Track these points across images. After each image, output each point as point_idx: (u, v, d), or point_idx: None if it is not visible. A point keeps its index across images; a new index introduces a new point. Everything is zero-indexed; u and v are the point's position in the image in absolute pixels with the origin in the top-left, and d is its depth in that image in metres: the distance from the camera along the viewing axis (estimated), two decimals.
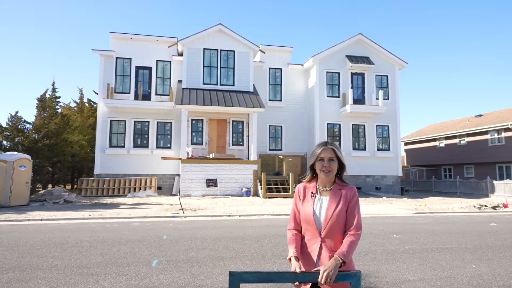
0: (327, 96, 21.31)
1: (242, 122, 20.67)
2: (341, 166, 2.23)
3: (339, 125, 21.34)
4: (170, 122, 20.41)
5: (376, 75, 21.97)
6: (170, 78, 20.80)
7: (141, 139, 20.11)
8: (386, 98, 21.74)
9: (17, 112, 20.01)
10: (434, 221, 10.53)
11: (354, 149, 21.32)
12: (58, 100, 23.72)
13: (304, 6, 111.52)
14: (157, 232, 7.97)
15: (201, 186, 17.44)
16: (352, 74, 21.67)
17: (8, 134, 19.19)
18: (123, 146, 19.81)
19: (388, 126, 21.84)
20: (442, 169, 32.07)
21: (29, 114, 48.69)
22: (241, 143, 20.60)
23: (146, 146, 20.06)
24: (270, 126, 21.92)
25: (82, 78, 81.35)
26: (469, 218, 11.39)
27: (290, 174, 17.82)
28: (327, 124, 21.13)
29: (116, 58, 20.19)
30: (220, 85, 20.06)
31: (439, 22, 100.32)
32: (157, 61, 20.69)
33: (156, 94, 20.51)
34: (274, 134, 22.03)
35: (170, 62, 20.84)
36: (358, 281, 1.89)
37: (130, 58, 20.37)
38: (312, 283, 2.05)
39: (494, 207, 14.50)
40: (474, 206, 14.42)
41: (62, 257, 5.56)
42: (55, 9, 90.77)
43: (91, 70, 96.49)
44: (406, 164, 35.41)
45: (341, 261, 1.97)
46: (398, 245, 6.80)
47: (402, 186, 23.33)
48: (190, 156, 18.12)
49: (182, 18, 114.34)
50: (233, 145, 20.49)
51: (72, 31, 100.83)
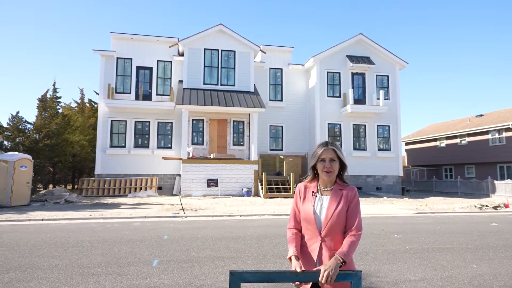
0: (328, 96, 21.31)
1: (243, 122, 20.67)
2: (342, 166, 2.23)
3: (340, 125, 21.33)
4: (171, 122, 20.42)
5: (376, 75, 21.96)
6: (170, 78, 20.82)
7: (142, 139, 20.13)
8: (386, 98, 21.73)
9: (18, 112, 20.05)
10: (435, 221, 10.52)
11: (355, 149, 21.31)
12: (59, 100, 23.75)
13: (304, 6, 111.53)
14: (157, 232, 7.97)
15: (201, 186, 17.45)
16: (352, 74, 21.66)
17: (9, 134, 19.21)
18: (124, 146, 19.83)
19: (388, 126, 21.83)
20: (443, 169, 32.03)
21: (30, 114, 48.82)
22: (241, 143, 20.60)
23: (147, 146, 20.07)
24: (270, 126, 21.92)
25: (83, 78, 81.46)
26: (470, 218, 11.37)
27: (291, 174, 17.82)
28: (328, 124, 21.12)
29: (117, 58, 20.22)
30: (220, 85, 20.08)
31: (440, 22, 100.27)
32: (157, 61, 20.72)
33: (156, 94, 20.53)
34: (274, 134, 22.03)
35: (171, 62, 20.86)
36: (359, 280, 1.89)
37: (131, 58, 20.40)
38: (312, 283, 2.05)
39: (495, 207, 14.48)
40: (475, 206, 14.40)
41: (63, 257, 5.57)
42: (56, 9, 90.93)
43: (92, 70, 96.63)
44: (407, 164, 35.37)
45: (341, 260, 1.97)
46: (399, 245, 6.80)
47: (403, 186, 23.30)
48: (190, 156, 18.13)
49: (183, 18, 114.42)
50: (233, 145, 20.50)
51: (72, 31, 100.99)
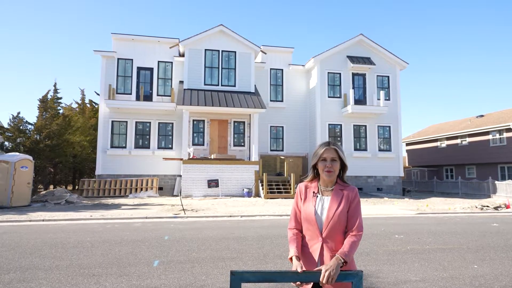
0: (329, 96, 21.30)
1: (244, 122, 20.67)
2: (343, 167, 2.23)
3: (341, 125, 21.32)
4: (172, 123, 20.43)
5: (377, 76, 21.95)
6: (171, 79, 20.84)
7: (142, 140, 20.13)
8: (387, 98, 21.72)
9: (19, 113, 20.01)
10: (436, 221, 10.50)
11: (355, 149, 21.29)
12: (60, 101, 23.76)
13: (305, 7, 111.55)
14: (158, 232, 7.97)
15: (202, 186, 17.45)
16: (353, 74, 21.66)
17: (10, 135, 19.22)
18: (125, 147, 19.83)
19: (389, 127, 21.81)
20: (443, 169, 31.99)
21: (31, 115, 48.85)
22: (242, 144, 20.60)
23: (148, 147, 20.07)
24: (271, 126, 21.91)
25: (84, 79, 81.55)
26: (471, 219, 11.35)
27: (292, 174, 17.80)
28: (329, 124, 21.11)
29: (117, 59, 20.23)
30: (221, 85, 20.08)
31: (440, 22, 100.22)
32: (158, 62, 20.74)
33: (157, 95, 20.54)
34: (275, 135, 22.02)
35: (172, 63, 20.87)
36: (360, 280, 1.89)
37: (132, 59, 20.42)
38: (313, 283, 2.05)
39: (496, 208, 14.45)
40: (476, 207, 14.37)
41: (63, 257, 5.57)
42: (57, 10, 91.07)
43: (93, 71, 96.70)
44: (407, 164, 35.34)
45: (342, 260, 1.96)
46: (399, 245, 6.79)
47: (404, 186, 23.29)
48: (191, 156, 18.13)
49: (184, 19, 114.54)
50: (234, 145, 20.49)
51: (73, 32, 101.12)
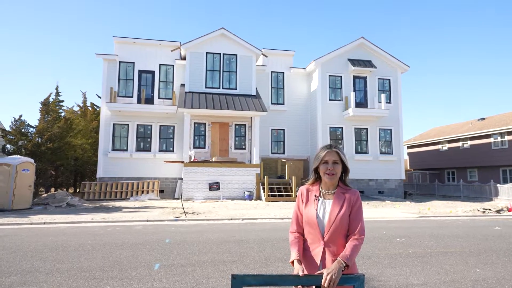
0: (330, 99, 21.31)
1: (245, 125, 20.68)
2: (344, 170, 2.22)
3: (342, 128, 21.31)
4: (173, 126, 20.45)
5: (378, 79, 21.97)
6: (173, 82, 20.89)
7: (143, 143, 20.16)
8: (388, 101, 21.72)
9: (20, 115, 20.10)
10: (438, 225, 10.46)
11: (356, 152, 21.26)
12: (61, 104, 23.80)
13: (306, 10, 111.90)
14: (159, 235, 7.96)
15: (203, 189, 17.44)
16: (354, 77, 21.68)
17: (11, 137, 19.26)
18: (126, 150, 19.85)
19: (390, 130, 21.79)
20: (445, 172, 31.91)
21: (32, 118, 48.94)
22: (243, 147, 20.60)
23: (149, 150, 20.10)
24: (272, 129, 21.91)
25: (86, 82, 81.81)
26: (473, 222, 11.30)
27: (293, 177, 17.78)
28: (330, 127, 21.10)
29: (119, 62, 20.31)
30: (222, 88, 20.12)
31: (441, 25, 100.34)
32: (160, 65, 20.80)
33: (159, 98, 20.59)
34: (276, 138, 22.02)
35: (173, 66, 20.94)
36: (361, 284, 1.88)
37: (133, 62, 20.49)
38: (315, 287, 2.04)
39: (498, 211, 14.38)
40: (478, 210, 14.32)
41: (64, 260, 5.56)
42: (59, 12, 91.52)
43: (95, 74, 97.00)
44: (409, 167, 35.27)
45: (344, 264, 1.95)
46: (401, 249, 6.76)
47: (405, 189, 23.22)
48: (192, 159, 18.14)
49: (185, 21, 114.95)
50: (235, 148, 20.50)
51: (75, 35, 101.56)
